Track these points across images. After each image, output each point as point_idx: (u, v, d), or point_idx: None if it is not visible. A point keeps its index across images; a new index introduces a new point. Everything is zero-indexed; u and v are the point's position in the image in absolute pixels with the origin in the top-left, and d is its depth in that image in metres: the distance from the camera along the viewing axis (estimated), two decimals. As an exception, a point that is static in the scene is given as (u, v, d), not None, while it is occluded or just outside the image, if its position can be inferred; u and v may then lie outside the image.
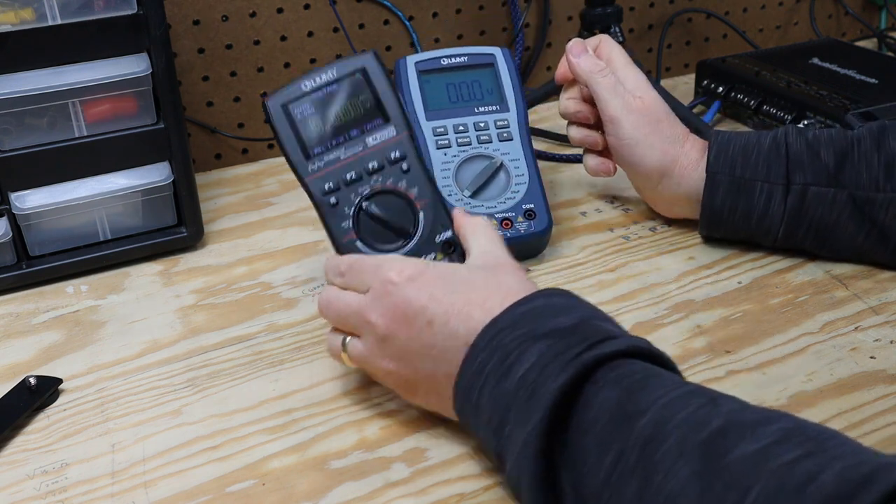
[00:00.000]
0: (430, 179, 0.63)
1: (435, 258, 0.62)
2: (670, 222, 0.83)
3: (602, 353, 0.48)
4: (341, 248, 0.62)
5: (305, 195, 0.62)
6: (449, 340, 0.53)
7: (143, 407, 0.63)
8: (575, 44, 0.78)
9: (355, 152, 0.62)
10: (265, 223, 0.87)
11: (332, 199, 0.62)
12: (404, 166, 0.62)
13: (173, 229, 0.81)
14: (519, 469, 0.47)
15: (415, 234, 0.62)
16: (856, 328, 0.67)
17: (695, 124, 0.92)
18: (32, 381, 0.63)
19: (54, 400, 0.64)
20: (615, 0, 1.01)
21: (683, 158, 0.75)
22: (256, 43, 0.97)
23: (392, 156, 0.62)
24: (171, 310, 0.74)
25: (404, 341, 0.55)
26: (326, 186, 0.62)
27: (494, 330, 0.51)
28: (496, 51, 0.82)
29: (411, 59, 0.81)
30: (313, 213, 0.63)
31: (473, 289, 0.54)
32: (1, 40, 0.69)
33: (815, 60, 1.08)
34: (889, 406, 0.59)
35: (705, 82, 1.08)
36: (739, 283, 0.73)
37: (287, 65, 0.99)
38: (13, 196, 0.74)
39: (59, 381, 0.64)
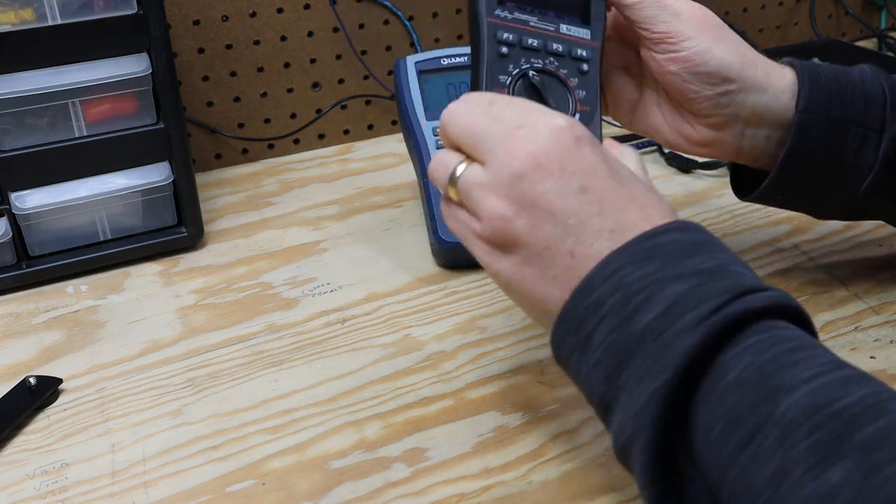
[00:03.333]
0: (598, 97, 0.60)
1: None
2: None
3: (746, 308, 0.41)
4: None
5: (305, 195, 0.62)
6: (591, 224, 0.45)
7: (143, 407, 0.63)
8: None
9: (547, 28, 0.59)
10: (265, 223, 0.87)
11: (504, 50, 0.58)
12: (584, 67, 0.60)
13: (173, 229, 0.81)
14: (635, 427, 0.41)
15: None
16: (856, 328, 0.67)
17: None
18: (32, 381, 0.63)
19: (54, 400, 0.64)
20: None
21: (765, 68, 0.62)
22: (256, 43, 0.97)
23: (578, 53, 0.60)
24: (171, 310, 0.74)
25: (541, 191, 0.45)
26: (504, 37, 0.58)
27: (616, 264, 0.44)
28: (496, 51, 0.82)
29: (411, 59, 0.81)
30: (313, 213, 0.62)
31: (633, 186, 0.47)
32: (1, 40, 0.69)
33: (815, 60, 1.08)
34: (889, 406, 0.59)
35: (705, 82, 1.08)
36: (739, 283, 0.73)
37: (287, 65, 0.99)
38: (13, 196, 0.74)
39: (59, 381, 0.64)
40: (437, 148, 0.76)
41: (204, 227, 0.83)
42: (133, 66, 0.74)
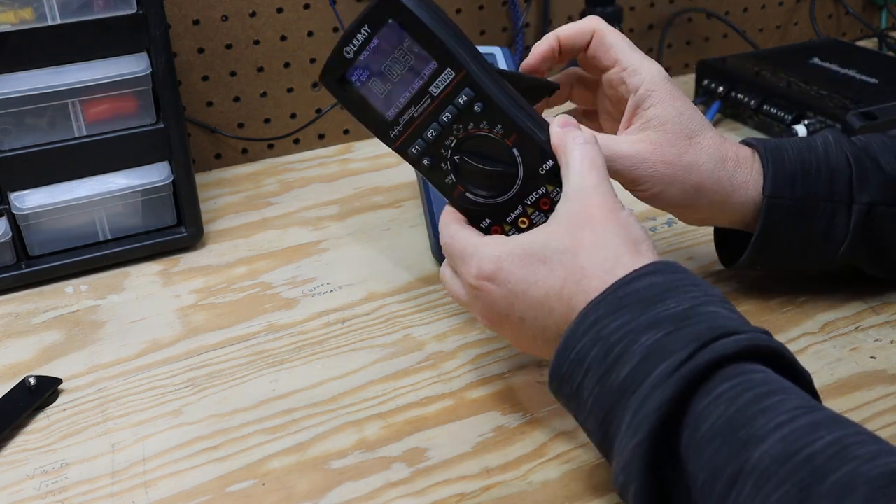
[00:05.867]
0: (510, 111, 0.56)
1: (547, 191, 0.56)
2: (670, 223, 0.83)
3: (717, 355, 0.43)
4: (455, 203, 0.59)
5: (305, 195, 0.62)
6: (546, 332, 0.52)
7: (143, 407, 0.63)
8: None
9: (425, 107, 0.56)
10: (265, 223, 0.87)
11: (426, 161, 0.58)
12: (477, 108, 0.56)
13: (173, 229, 0.81)
14: (627, 476, 0.44)
15: (518, 173, 0.56)
16: (856, 328, 0.67)
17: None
18: (32, 381, 0.63)
19: (54, 400, 0.64)
20: (615, 0, 1.01)
21: (723, 189, 0.63)
22: (256, 43, 0.97)
23: (461, 101, 0.56)
24: (170, 310, 0.74)
25: (508, 332, 0.55)
26: (415, 150, 0.58)
27: (594, 316, 0.48)
28: (496, 50, 0.82)
29: (411, 59, 0.80)
30: (313, 213, 0.63)
31: (553, 275, 0.51)
32: (1, 40, 0.69)
33: (816, 60, 1.08)
34: (889, 406, 0.59)
35: (705, 82, 1.08)
36: (739, 283, 0.73)
37: (287, 65, 0.99)
38: (13, 196, 0.74)
39: (59, 381, 0.64)
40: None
41: (204, 227, 0.83)
42: (133, 65, 0.74)
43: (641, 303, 0.47)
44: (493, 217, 0.58)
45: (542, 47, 0.64)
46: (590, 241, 0.51)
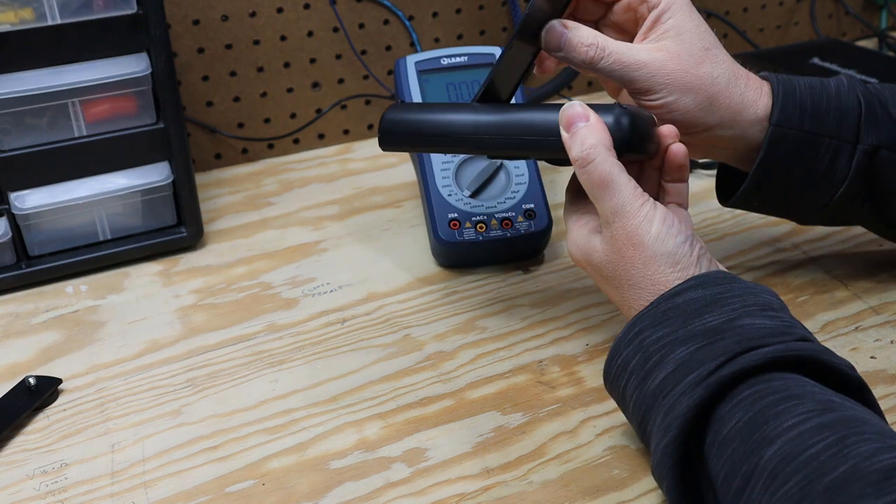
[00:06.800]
0: (522, 146, 0.61)
1: None
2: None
3: (740, 368, 0.47)
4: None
5: (305, 195, 0.62)
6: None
7: (143, 407, 0.63)
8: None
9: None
10: (265, 223, 0.87)
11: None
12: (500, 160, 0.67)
13: (173, 229, 0.81)
14: (660, 473, 0.49)
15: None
16: (856, 328, 0.67)
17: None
18: (32, 381, 0.63)
19: (54, 400, 0.64)
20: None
21: (736, 103, 0.62)
22: (256, 43, 0.97)
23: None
24: (170, 310, 0.74)
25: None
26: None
27: (638, 327, 0.52)
28: (496, 50, 0.82)
29: (411, 59, 0.81)
30: (313, 213, 0.63)
31: (613, 292, 0.57)
32: (1, 40, 0.69)
33: (816, 60, 1.08)
34: (889, 406, 0.59)
35: (705, 82, 1.08)
36: (739, 282, 0.73)
37: (287, 64, 0.99)
38: (13, 196, 0.74)
39: (59, 381, 0.64)
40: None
41: (204, 227, 0.83)
42: (133, 65, 0.74)
43: (681, 316, 0.51)
44: None
45: None
46: (633, 276, 0.55)
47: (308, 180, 0.95)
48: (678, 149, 0.58)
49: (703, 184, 0.90)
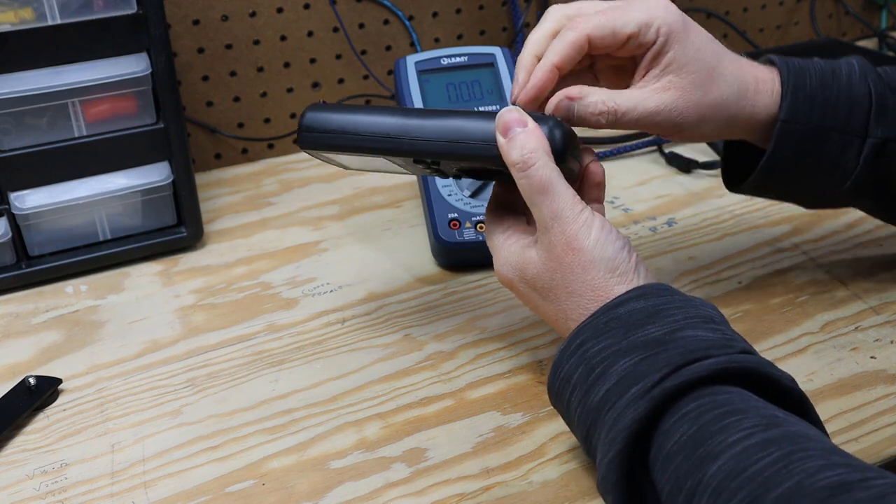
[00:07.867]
0: (448, 151, 0.57)
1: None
2: (670, 223, 0.83)
3: (685, 380, 0.46)
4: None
5: (304, 195, 0.62)
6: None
7: (143, 407, 0.63)
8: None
9: (403, 166, 0.64)
10: (265, 223, 0.87)
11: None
12: (428, 160, 0.59)
13: (173, 229, 0.81)
14: (605, 488, 0.48)
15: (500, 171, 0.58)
16: (856, 328, 0.67)
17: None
18: (32, 381, 0.63)
19: (54, 400, 0.64)
20: None
21: (748, 111, 0.62)
22: (256, 43, 0.97)
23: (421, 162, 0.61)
24: (170, 310, 0.74)
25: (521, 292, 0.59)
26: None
27: (580, 338, 0.52)
28: (496, 50, 0.82)
29: (411, 59, 0.81)
30: (313, 213, 0.63)
31: (550, 308, 0.56)
32: (1, 40, 0.69)
33: (816, 59, 1.07)
34: (889, 406, 0.59)
35: (705, 82, 1.08)
36: (739, 283, 0.73)
37: (287, 64, 0.99)
38: (13, 196, 0.74)
39: (59, 381, 0.64)
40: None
41: (204, 227, 0.83)
42: (133, 65, 0.74)
43: (623, 327, 0.50)
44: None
45: (540, 80, 0.59)
46: (572, 282, 0.54)
47: (308, 180, 0.95)
48: (597, 168, 0.59)
49: (702, 184, 0.90)
